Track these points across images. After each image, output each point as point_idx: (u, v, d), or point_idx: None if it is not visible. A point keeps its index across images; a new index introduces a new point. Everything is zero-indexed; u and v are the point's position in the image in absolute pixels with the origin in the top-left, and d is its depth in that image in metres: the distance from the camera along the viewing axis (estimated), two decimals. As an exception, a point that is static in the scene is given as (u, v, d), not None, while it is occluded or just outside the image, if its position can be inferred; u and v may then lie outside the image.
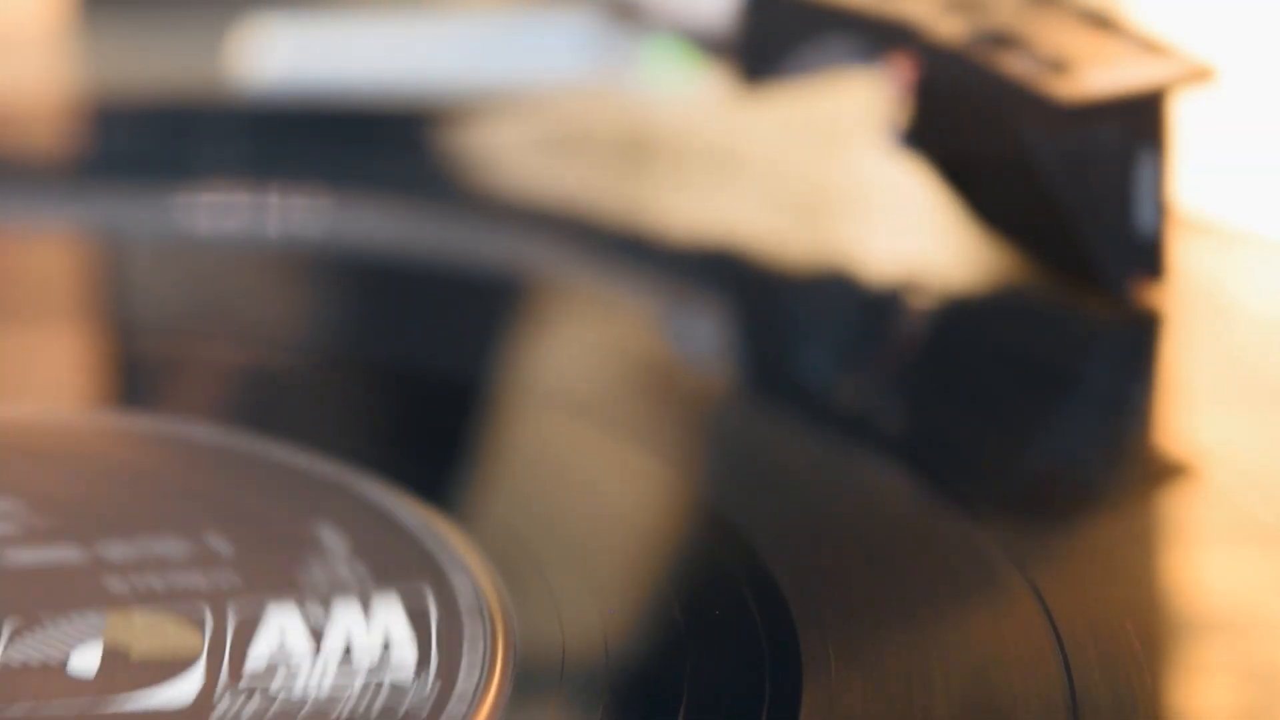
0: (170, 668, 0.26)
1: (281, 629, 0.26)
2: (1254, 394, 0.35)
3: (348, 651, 0.26)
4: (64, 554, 0.28)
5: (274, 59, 0.55)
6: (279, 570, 0.28)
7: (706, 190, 0.45)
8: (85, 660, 0.26)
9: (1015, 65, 0.37)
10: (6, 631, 0.26)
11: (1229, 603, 0.28)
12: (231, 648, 0.26)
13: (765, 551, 0.29)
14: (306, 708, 0.25)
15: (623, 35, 0.50)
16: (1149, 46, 0.37)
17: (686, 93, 0.52)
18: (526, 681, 0.26)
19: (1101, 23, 0.38)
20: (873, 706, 0.25)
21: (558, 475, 0.32)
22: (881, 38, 0.39)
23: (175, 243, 0.43)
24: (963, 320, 0.39)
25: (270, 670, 0.26)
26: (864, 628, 0.27)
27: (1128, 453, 0.34)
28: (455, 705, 0.25)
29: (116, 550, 0.28)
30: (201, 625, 0.27)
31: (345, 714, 0.25)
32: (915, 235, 0.43)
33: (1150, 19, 0.44)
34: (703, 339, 0.39)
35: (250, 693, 0.25)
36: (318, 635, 0.26)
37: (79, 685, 0.25)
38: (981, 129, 0.38)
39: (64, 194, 0.45)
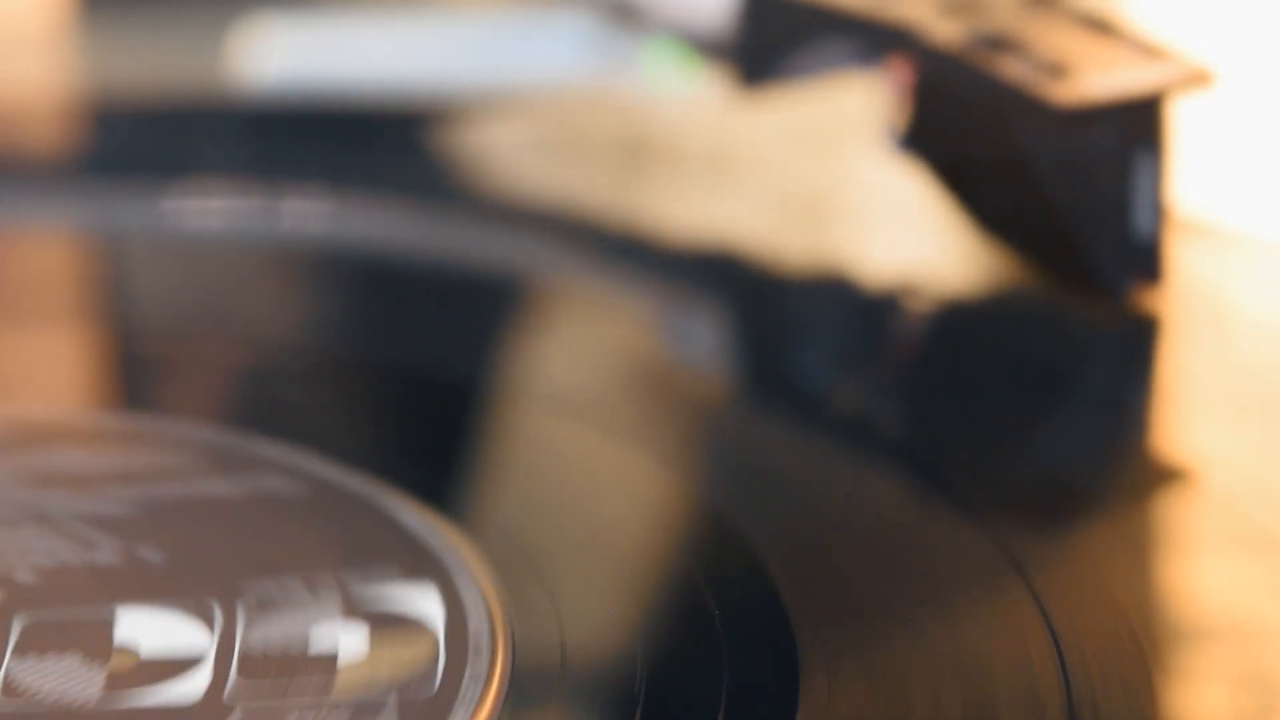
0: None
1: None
2: (1252, 398, 0.35)
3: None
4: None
5: (274, 59, 0.55)
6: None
7: (705, 192, 0.45)
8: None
9: (1013, 68, 0.37)
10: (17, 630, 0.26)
11: (1226, 607, 0.28)
12: (240, 645, 0.26)
13: (765, 552, 0.29)
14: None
15: (622, 36, 0.50)
16: (1147, 50, 0.38)
17: (685, 94, 0.52)
18: (526, 683, 0.26)
19: (1099, 26, 0.38)
20: (871, 707, 0.25)
21: (557, 476, 0.32)
22: (879, 40, 0.39)
23: (175, 243, 0.43)
24: (961, 323, 0.39)
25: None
26: (863, 628, 0.27)
27: (1126, 456, 0.34)
28: (456, 706, 0.25)
29: (108, 554, 0.28)
30: (211, 624, 0.27)
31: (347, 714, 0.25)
32: (913, 238, 0.43)
33: (1148, 22, 0.44)
34: (701, 341, 0.39)
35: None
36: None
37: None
38: (979, 132, 0.38)
39: (63, 194, 0.45)
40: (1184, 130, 0.38)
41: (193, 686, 0.25)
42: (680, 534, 0.31)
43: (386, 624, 0.27)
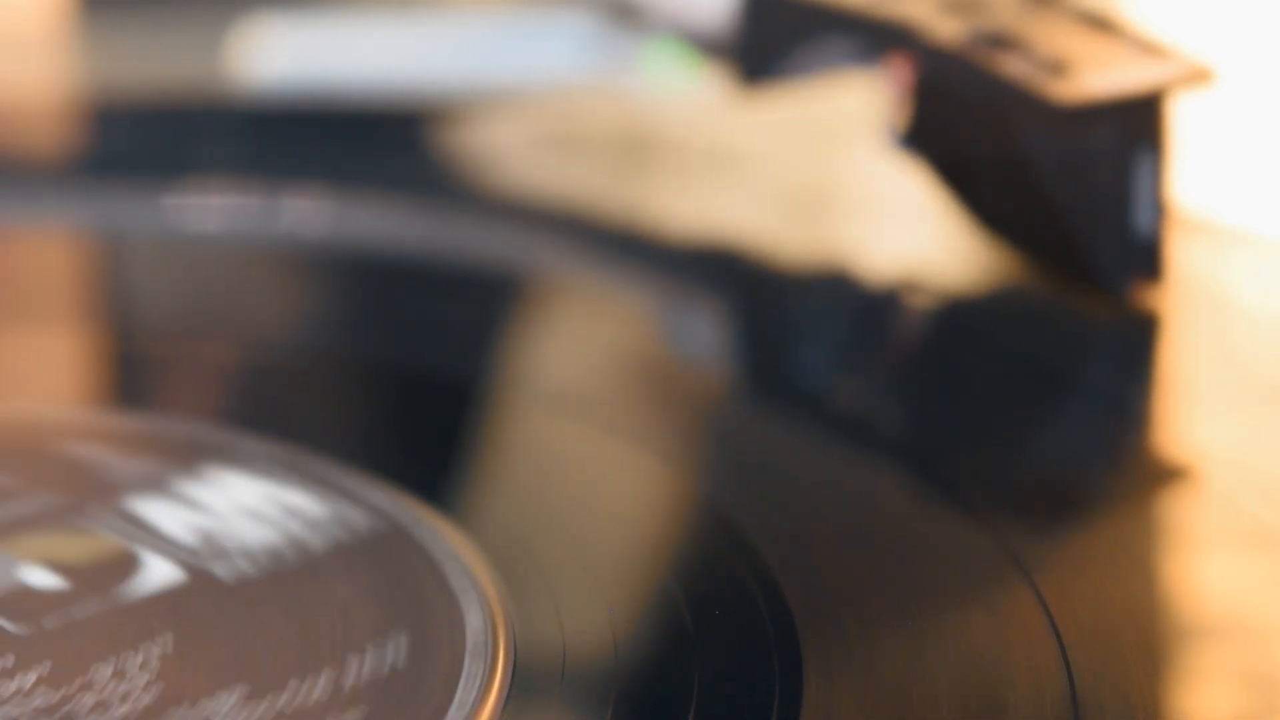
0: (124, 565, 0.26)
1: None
2: (1253, 394, 0.35)
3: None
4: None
5: (274, 59, 0.55)
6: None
7: (705, 190, 0.45)
8: (40, 576, 0.26)
9: (1013, 66, 0.37)
10: None
11: (1228, 604, 0.28)
12: None
13: (765, 551, 0.29)
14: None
15: (623, 35, 0.50)
16: (1147, 48, 0.38)
17: (686, 93, 0.52)
18: (527, 682, 0.26)
19: (1100, 24, 0.38)
20: (873, 706, 0.25)
21: (557, 475, 0.32)
22: (880, 39, 0.39)
23: (174, 243, 0.43)
24: (962, 321, 0.39)
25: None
26: (864, 628, 0.27)
27: (1127, 453, 0.34)
28: (455, 707, 0.25)
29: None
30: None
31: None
32: (914, 236, 0.43)
33: (1148, 20, 0.44)
34: (702, 339, 0.39)
35: None
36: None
37: (61, 595, 0.26)
38: (980, 130, 0.38)
39: (63, 194, 0.45)
40: (1184, 128, 0.38)
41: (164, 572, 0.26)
42: (681, 532, 0.31)
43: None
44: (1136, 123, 0.37)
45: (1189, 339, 0.37)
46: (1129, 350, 0.38)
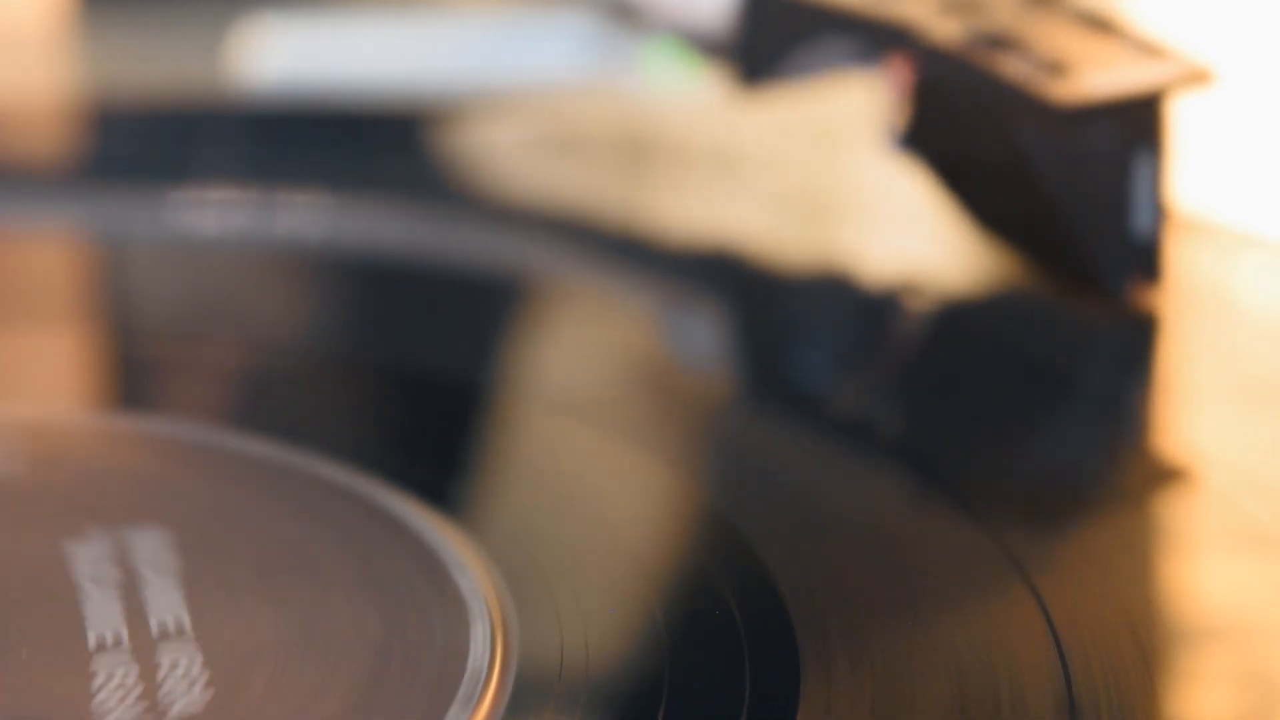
0: None
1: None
2: (1253, 395, 0.35)
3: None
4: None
5: (274, 59, 0.55)
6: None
7: (705, 192, 0.45)
8: None
9: (1013, 67, 0.37)
10: None
11: (1227, 605, 0.28)
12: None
13: (765, 552, 0.29)
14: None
15: (622, 36, 0.50)
16: (1147, 48, 0.38)
17: (685, 94, 0.52)
18: (527, 684, 0.26)
19: (1099, 24, 0.38)
20: (872, 707, 0.25)
21: (557, 476, 0.32)
22: (879, 39, 0.39)
23: (175, 244, 0.43)
24: (961, 322, 0.39)
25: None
26: (864, 628, 0.27)
27: (1126, 454, 0.34)
28: (455, 708, 0.25)
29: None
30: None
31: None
32: (913, 237, 0.43)
33: (1148, 20, 0.44)
34: (701, 341, 0.39)
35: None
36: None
37: None
38: (979, 131, 0.38)
39: (64, 195, 0.45)
40: (1184, 129, 0.38)
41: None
42: (680, 534, 0.31)
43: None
44: (1136, 123, 0.37)
45: (1188, 340, 0.37)
46: (1128, 351, 0.38)
